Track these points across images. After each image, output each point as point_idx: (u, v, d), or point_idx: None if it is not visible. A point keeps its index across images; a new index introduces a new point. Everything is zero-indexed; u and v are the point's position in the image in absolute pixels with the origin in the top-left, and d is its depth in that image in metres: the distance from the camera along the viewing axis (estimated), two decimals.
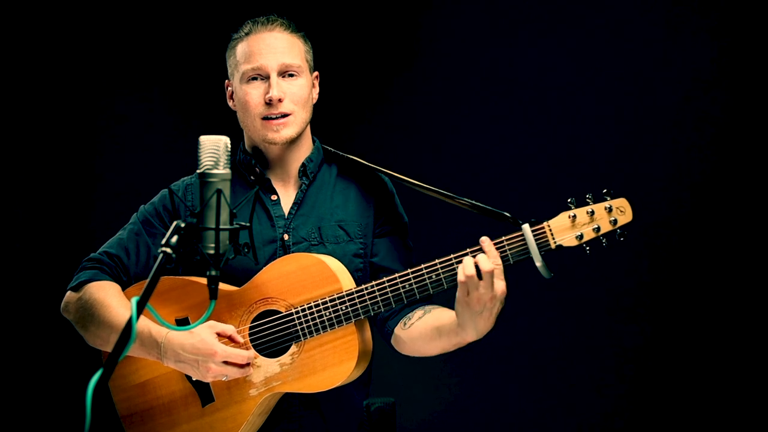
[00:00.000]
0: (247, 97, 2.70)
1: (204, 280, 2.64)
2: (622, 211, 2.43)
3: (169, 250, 1.88)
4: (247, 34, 2.75)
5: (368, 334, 2.64)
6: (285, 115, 2.69)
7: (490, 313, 2.43)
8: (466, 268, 2.41)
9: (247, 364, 2.56)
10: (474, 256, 2.43)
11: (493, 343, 4.00)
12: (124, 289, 2.71)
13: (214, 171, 1.99)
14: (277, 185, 2.79)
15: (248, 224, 2.03)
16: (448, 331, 2.54)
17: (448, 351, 2.61)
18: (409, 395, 3.80)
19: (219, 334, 2.55)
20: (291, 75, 2.71)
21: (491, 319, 2.44)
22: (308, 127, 2.81)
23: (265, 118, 2.69)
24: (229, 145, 2.03)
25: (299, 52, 2.75)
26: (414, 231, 2.91)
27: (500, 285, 2.41)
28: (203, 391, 2.64)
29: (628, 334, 3.98)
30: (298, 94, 2.71)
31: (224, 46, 2.82)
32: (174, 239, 1.90)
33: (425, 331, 2.62)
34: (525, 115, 4.09)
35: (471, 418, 4.15)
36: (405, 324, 2.69)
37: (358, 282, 2.65)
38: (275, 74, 2.68)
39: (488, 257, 2.41)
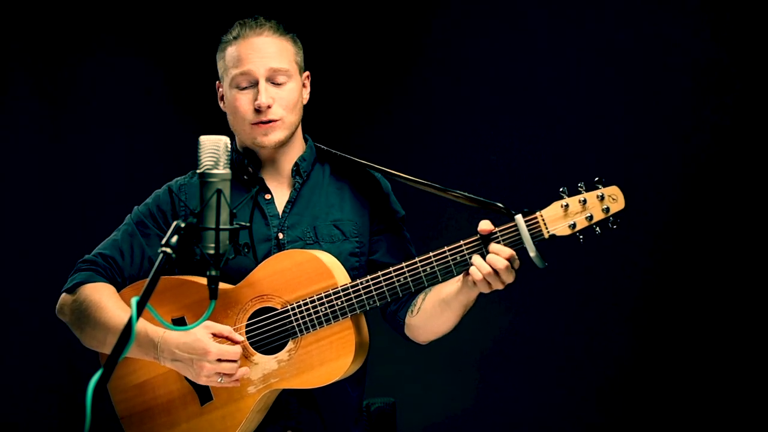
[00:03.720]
0: (237, 102, 2.70)
1: (199, 279, 2.66)
2: (614, 199, 2.44)
3: (169, 250, 1.88)
4: (235, 38, 2.73)
5: (365, 328, 2.66)
6: (274, 120, 2.69)
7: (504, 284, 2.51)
8: (481, 268, 2.46)
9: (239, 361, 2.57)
10: (479, 252, 2.49)
11: (493, 343, 4.05)
12: (119, 290, 2.70)
13: (214, 171, 1.99)
14: (270, 184, 2.80)
15: (248, 224, 2.04)
16: (455, 296, 2.58)
17: (461, 317, 2.64)
18: (409, 395, 3.82)
19: (215, 335, 2.56)
20: (280, 80, 2.70)
21: None
22: (299, 128, 2.81)
23: (255, 124, 2.70)
24: (229, 146, 2.04)
25: (288, 55, 2.74)
26: (408, 224, 2.92)
27: (512, 273, 2.48)
28: (202, 390, 2.65)
29: (626, 335, 4.01)
30: (287, 99, 2.70)
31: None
32: (174, 239, 1.90)
33: (434, 309, 2.65)
34: (516, 106, 4.11)
35: (471, 418, 4.17)
36: (412, 312, 2.72)
37: (354, 279, 2.65)
38: (263, 80, 2.68)
39: (501, 255, 2.46)
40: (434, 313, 2.66)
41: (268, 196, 2.78)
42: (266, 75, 2.69)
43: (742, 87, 3.81)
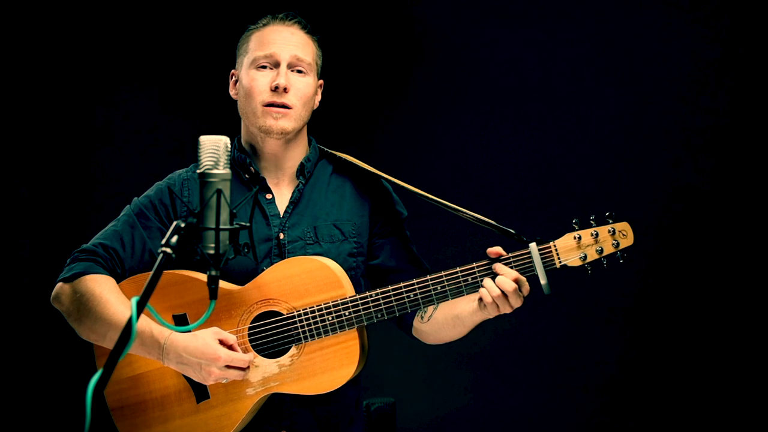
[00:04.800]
0: (253, 82, 2.70)
1: (203, 276, 2.65)
2: (624, 234, 2.49)
3: (169, 250, 1.88)
4: (264, 25, 2.77)
5: (366, 337, 2.67)
6: (286, 107, 2.69)
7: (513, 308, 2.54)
8: (491, 290, 2.50)
9: (247, 368, 2.58)
10: (490, 275, 2.52)
11: (493, 344, 4.04)
12: (118, 282, 2.66)
13: (214, 171, 1.99)
14: (271, 184, 2.79)
15: (248, 224, 2.03)
16: (469, 315, 2.60)
17: (472, 330, 2.68)
18: (409, 395, 3.82)
19: (221, 341, 2.56)
20: (300, 71, 2.72)
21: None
22: (305, 129, 2.81)
23: (268, 105, 2.69)
24: (229, 146, 2.03)
25: (311, 52, 2.76)
26: (418, 238, 2.92)
27: (521, 298, 2.52)
28: (199, 388, 2.64)
29: (625, 335, 4.02)
30: (303, 91, 2.71)
31: (224, 45, 2.83)
32: (174, 239, 1.90)
33: (445, 322, 2.68)
34: (514, 106, 4.13)
35: (471, 418, 4.16)
36: (422, 318, 2.73)
37: (351, 282, 2.67)
38: (285, 64, 2.70)
39: (507, 277, 2.50)
40: (446, 326, 2.69)
41: (269, 196, 2.77)
42: (289, 61, 2.71)
43: (743, 88, 3.82)
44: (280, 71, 2.69)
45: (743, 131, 3.84)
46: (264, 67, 2.71)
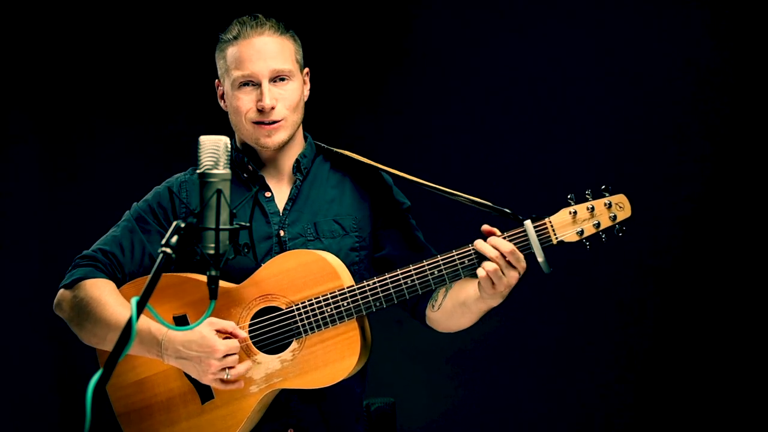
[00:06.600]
0: (239, 102, 2.68)
1: (201, 277, 2.64)
2: (621, 207, 2.47)
3: (169, 250, 1.87)
4: (235, 37, 2.70)
5: (368, 328, 2.66)
6: (276, 121, 2.68)
7: (510, 286, 2.49)
8: (486, 265, 2.45)
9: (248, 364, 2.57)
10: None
11: (494, 343, 4.04)
12: (119, 286, 2.67)
13: (214, 171, 1.98)
14: (270, 182, 2.79)
15: (248, 224, 2.03)
16: (474, 302, 2.58)
17: (482, 316, 2.66)
18: (409, 395, 3.81)
19: (219, 331, 2.55)
20: (282, 79, 2.68)
21: (511, 287, 2.51)
22: (300, 126, 2.80)
23: (257, 123, 2.68)
24: (229, 146, 2.02)
25: (290, 55, 2.72)
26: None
27: (521, 259, 2.47)
28: (202, 389, 2.63)
29: (630, 336, 4.01)
30: (290, 99, 2.69)
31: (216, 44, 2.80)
32: (174, 239, 1.89)
33: (454, 309, 2.66)
34: (522, 110, 4.10)
35: (471, 418, 4.16)
36: (433, 306, 2.72)
37: (355, 276, 2.67)
38: (266, 81, 2.66)
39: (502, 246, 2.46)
40: (454, 314, 2.67)
41: (268, 194, 2.77)
42: (269, 76, 2.66)
43: (744, 88, 3.81)
44: (262, 90, 2.65)
45: (745, 122, 3.83)
46: (246, 84, 2.68)
